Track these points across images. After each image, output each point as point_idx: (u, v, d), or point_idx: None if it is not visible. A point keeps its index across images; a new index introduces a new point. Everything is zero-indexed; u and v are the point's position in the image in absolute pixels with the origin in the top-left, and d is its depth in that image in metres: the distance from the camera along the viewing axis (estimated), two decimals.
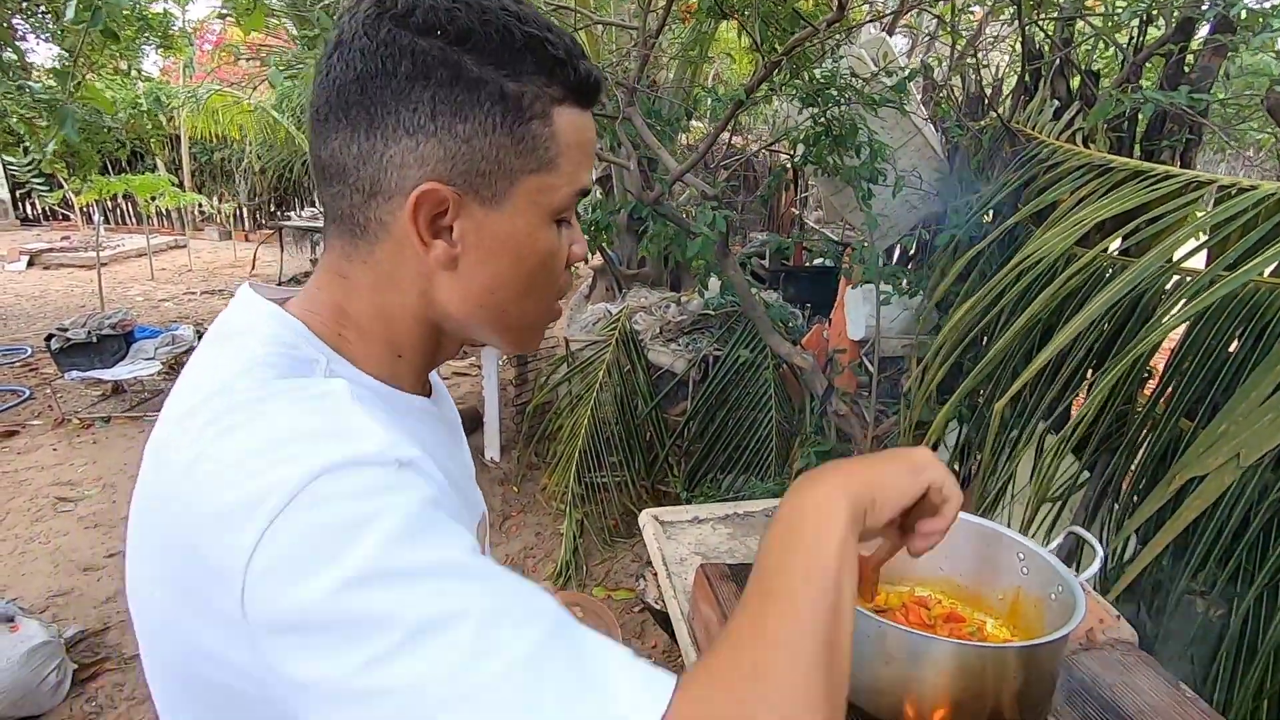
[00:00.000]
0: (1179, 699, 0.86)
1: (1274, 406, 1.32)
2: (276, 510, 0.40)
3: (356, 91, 0.50)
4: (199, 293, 7.48)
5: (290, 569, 0.39)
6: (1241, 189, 1.47)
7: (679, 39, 3.43)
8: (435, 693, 0.37)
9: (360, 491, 0.41)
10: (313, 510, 0.40)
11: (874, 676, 0.81)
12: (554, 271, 0.57)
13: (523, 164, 0.52)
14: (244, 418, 0.45)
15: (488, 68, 0.49)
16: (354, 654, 0.38)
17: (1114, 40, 2.25)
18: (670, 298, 3.68)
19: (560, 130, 0.52)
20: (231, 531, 0.41)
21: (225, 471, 0.43)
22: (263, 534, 0.40)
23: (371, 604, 0.39)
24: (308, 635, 0.39)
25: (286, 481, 0.41)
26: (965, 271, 2.19)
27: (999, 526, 0.98)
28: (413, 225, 0.51)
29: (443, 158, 0.50)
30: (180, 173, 10.03)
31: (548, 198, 0.53)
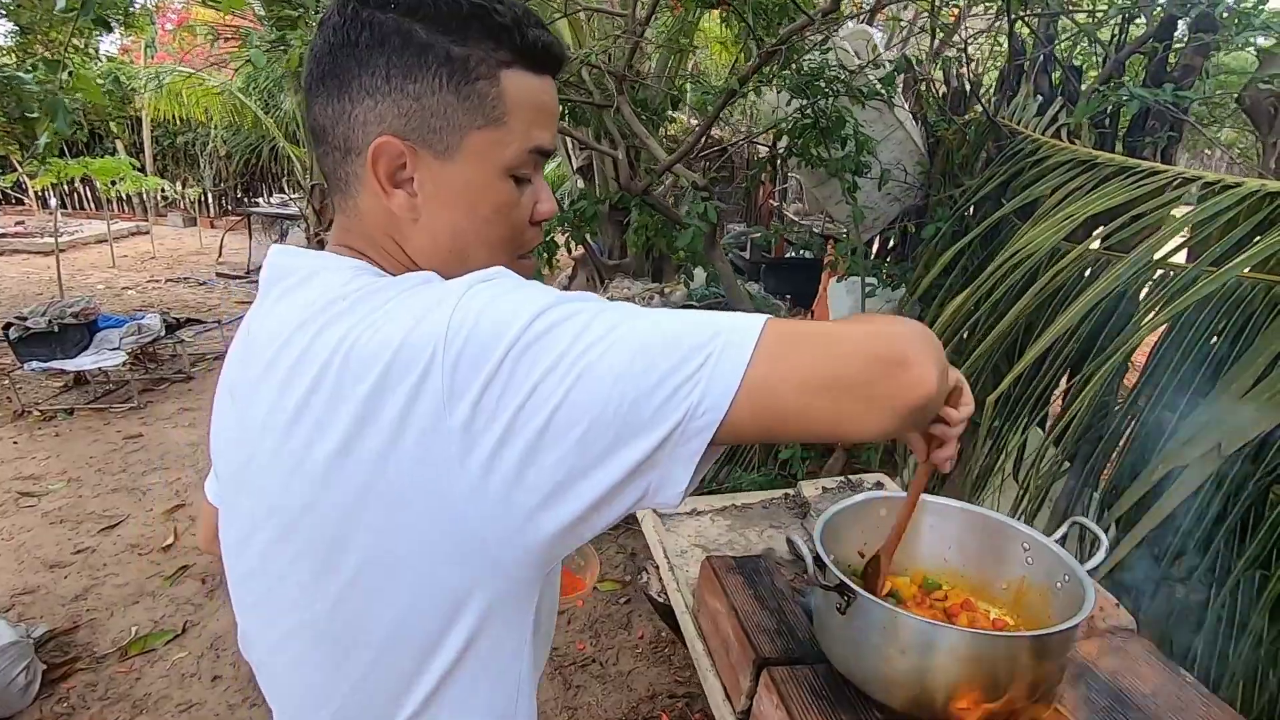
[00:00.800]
0: (1179, 684, 0.88)
1: (1255, 398, 1.36)
2: (455, 301, 0.48)
3: (330, 62, 0.57)
4: (163, 280, 7.26)
5: (487, 328, 0.47)
6: (1225, 185, 1.51)
7: (664, 28, 3.40)
8: (629, 326, 0.48)
9: (508, 280, 0.51)
10: (480, 294, 0.49)
11: (888, 667, 0.81)
12: (512, 223, 0.61)
13: (469, 120, 0.57)
14: (407, 294, 0.52)
15: (436, 34, 0.55)
16: (563, 340, 0.47)
17: (1096, 37, 2.29)
18: (654, 288, 3.67)
19: (508, 90, 0.57)
20: (424, 327, 0.48)
21: (402, 317, 0.50)
22: (451, 315, 0.48)
23: (560, 314, 0.48)
24: (523, 355, 0.47)
25: (453, 291, 0.50)
26: (949, 265, 2.21)
27: (1003, 517, 0.99)
28: (373, 176, 0.57)
29: (397, 115, 0.56)
30: (142, 156, 9.70)
31: (498, 152, 0.58)
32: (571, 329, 0.47)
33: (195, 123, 9.53)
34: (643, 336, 0.47)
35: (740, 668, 0.93)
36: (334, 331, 0.51)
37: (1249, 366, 1.37)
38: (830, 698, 0.84)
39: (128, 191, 8.97)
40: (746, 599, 1.00)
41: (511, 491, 0.48)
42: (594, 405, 0.46)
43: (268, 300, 0.60)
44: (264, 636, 0.62)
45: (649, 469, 0.48)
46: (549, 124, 0.61)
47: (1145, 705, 0.85)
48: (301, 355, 0.52)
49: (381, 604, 0.54)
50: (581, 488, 0.48)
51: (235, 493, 0.61)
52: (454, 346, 0.47)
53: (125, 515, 3.14)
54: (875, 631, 0.81)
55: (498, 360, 0.47)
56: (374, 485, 0.50)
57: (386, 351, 0.49)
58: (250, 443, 0.56)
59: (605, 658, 2.41)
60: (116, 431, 3.94)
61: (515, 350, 0.47)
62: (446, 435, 0.48)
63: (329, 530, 0.52)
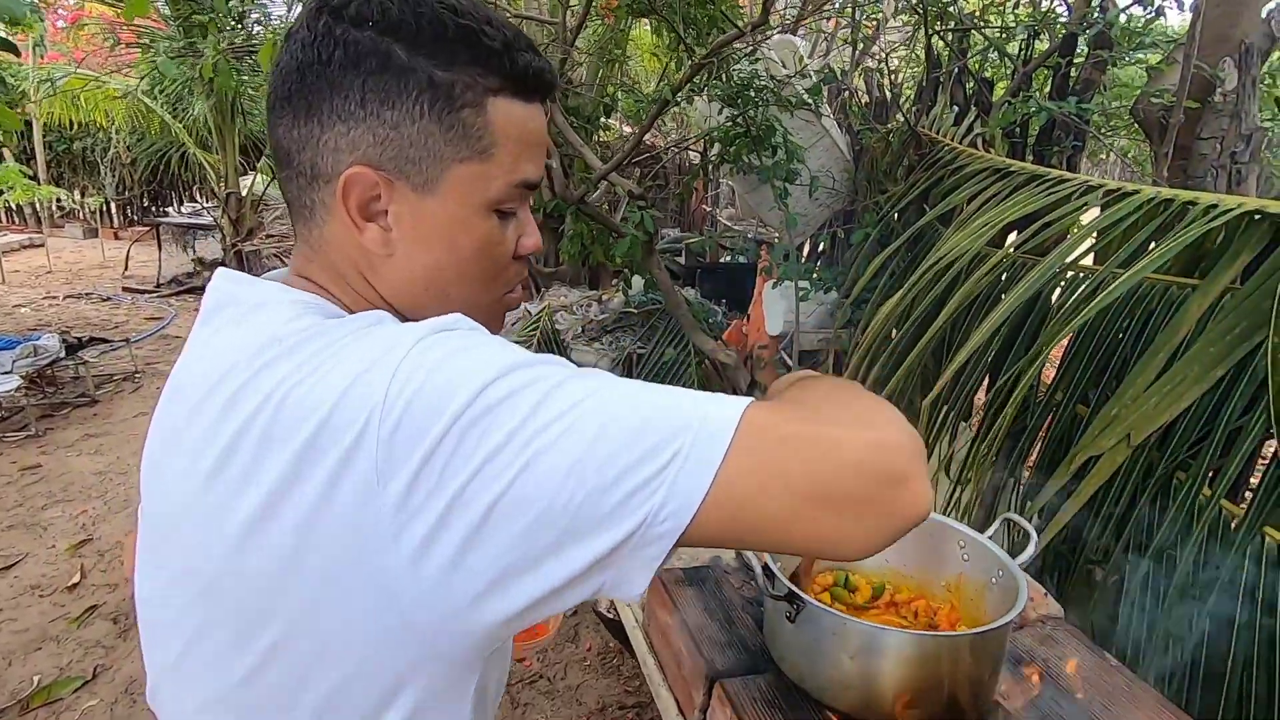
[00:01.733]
0: (1105, 667, 0.93)
1: (1158, 391, 1.46)
2: (400, 357, 0.44)
3: (297, 80, 0.52)
4: (61, 297, 6.75)
5: (430, 397, 0.43)
6: (1125, 192, 1.61)
7: (596, 36, 3.40)
8: (590, 406, 0.43)
9: (463, 337, 0.47)
10: (429, 351, 0.45)
11: (838, 672, 0.83)
12: (496, 260, 0.57)
13: (453, 151, 0.53)
14: (350, 339, 0.47)
15: (418, 57, 0.51)
16: (514, 415, 0.42)
17: (1005, 51, 2.42)
18: (591, 296, 3.66)
19: (496, 120, 0.53)
20: (361, 388, 0.44)
21: (341, 367, 0.45)
22: (392, 376, 0.43)
23: (515, 382, 0.44)
24: (469, 429, 0.42)
25: (401, 343, 0.45)
26: (880, 269, 2.29)
27: (940, 517, 1.02)
28: (343, 207, 0.53)
29: (372, 143, 0.52)
30: (33, 164, 9.00)
31: (483, 186, 0.54)
32: (527, 402, 0.43)
33: (94, 127, 8.93)
34: (605, 420, 0.43)
35: (693, 681, 0.92)
36: (268, 378, 0.47)
37: (1151, 361, 1.47)
38: (783, 705, 0.85)
39: (18, 201, 8.30)
40: (696, 612, 1.00)
41: (449, 577, 0.44)
42: (543, 496, 0.42)
43: (206, 330, 0.55)
44: (178, 699, 0.57)
45: (603, 569, 0.44)
46: (538, 155, 0.57)
47: (1075, 689, 0.89)
48: (230, 401, 0.48)
49: (308, 682, 0.49)
50: (526, 581, 0.44)
51: (157, 541, 0.56)
52: (393, 412, 0.42)
53: (23, 554, 2.89)
54: (825, 638, 0.83)
55: (440, 433, 0.42)
56: (299, 554, 0.45)
57: (321, 409, 0.44)
58: (172, 491, 0.52)
59: (553, 673, 2.38)
60: (11, 463, 3.63)
61: (461, 423, 0.42)
62: (378, 510, 0.43)
63: (250, 598, 0.48)
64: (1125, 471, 1.53)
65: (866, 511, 0.44)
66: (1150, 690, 0.89)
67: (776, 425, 0.44)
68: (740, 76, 2.32)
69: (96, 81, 7.39)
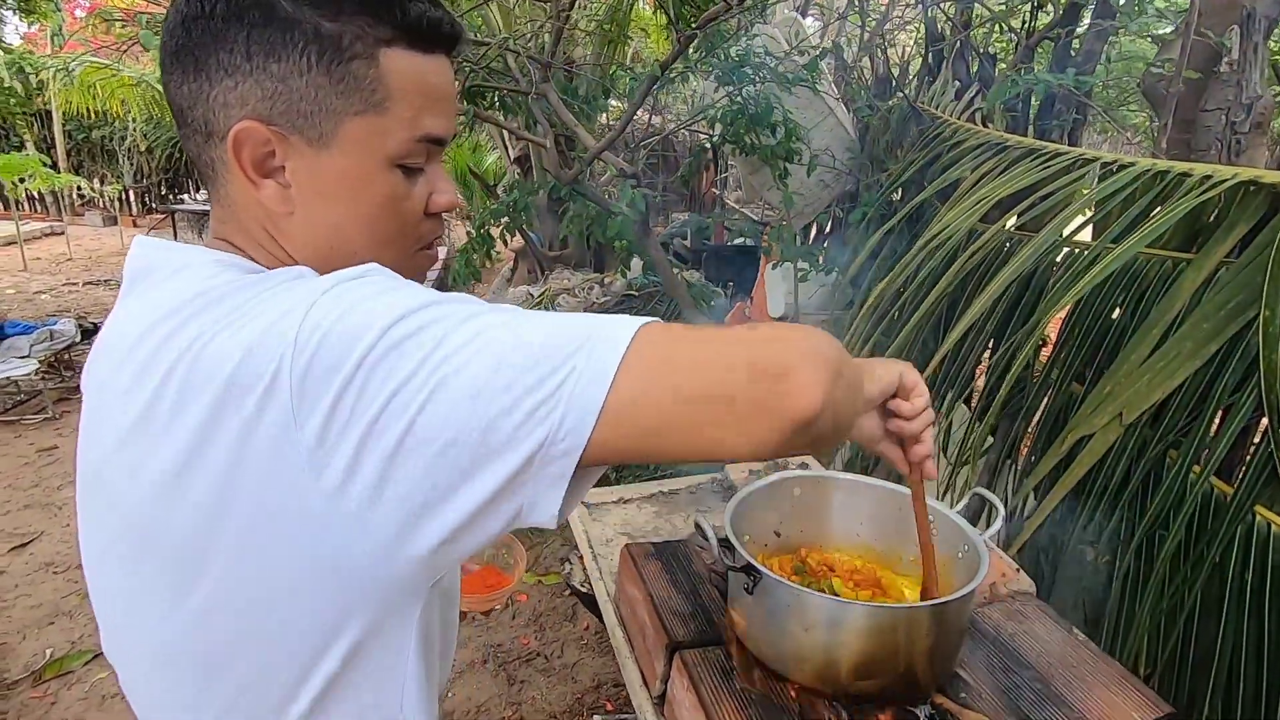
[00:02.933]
0: (1072, 643, 0.92)
1: (1150, 369, 1.43)
2: (311, 302, 0.45)
3: (183, 34, 0.51)
4: (81, 284, 6.88)
5: (340, 337, 0.44)
6: (1122, 165, 1.57)
7: (596, 15, 3.37)
8: (494, 335, 0.44)
9: (374, 283, 0.47)
10: (341, 297, 0.45)
11: (795, 644, 0.82)
12: (402, 217, 0.56)
13: (345, 105, 0.51)
14: (268, 294, 0.48)
15: (303, 8, 0.50)
16: (421, 348, 0.43)
17: (1008, 24, 2.37)
18: (593, 279, 3.65)
19: (390, 73, 0.52)
20: (273, 336, 0.44)
21: (257, 320, 0.46)
22: (302, 321, 0.44)
23: (423, 319, 0.44)
24: (378, 364, 0.43)
25: (313, 292, 0.46)
26: (877, 248, 2.26)
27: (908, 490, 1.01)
28: (236, 163, 0.52)
29: (261, 97, 0.51)
30: (53, 152, 9.14)
31: (380, 141, 0.52)
32: (433, 335, 0.44)
33: (112, 116, 9.04)
34: (506, 346, 0.44)
35: (655, 652, 0.93)
36: (186, 333, 0.47)
37: (1145, 338, 1.44)
38: (738, 675, 0.85)
39: (39, 190, 8.45)
40: (663, 585, 1.00)
41: (370, 511, 0.45)
42: (451, 423, 0.43)
43: (129, 298, 0.55)
44: (130, 654, 0.58)
45: (515, 491, 0.45)
46: (442, 109, 0.55)
47: (1039, 664, 0.88)
48: (150, 357, 0.48)
49: (247, 628, 0.50)
50: (444, 509, 0.45)
51: (91, 502, 0.57)
52: (304, 354, 0.43)
53: (39, 532, 2.97)
54: (781, 610, 0.82)
55: (351, 369, 0.43)
56: (223, 504, 0.46)
57: (233, 357, 0.45)
58: (101, 450, 0.53)
59: (550, 651, 2.40)
60: (29, 444, 3.72)
61: (371, 358, 0.43)
62: (296, 452, 0.44)
63: (182, 551, 0.49)
64: (1118, 450, 1.51)
65: (753, 410, 0.44)
66: (1114, 664, 0.88)
67: (669, 339, 0.45)
68: (736, 53, 2.29)
69: (112, 70, 7.47)
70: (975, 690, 0.84)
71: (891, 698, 0.81)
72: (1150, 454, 1.48)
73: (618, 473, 3.23)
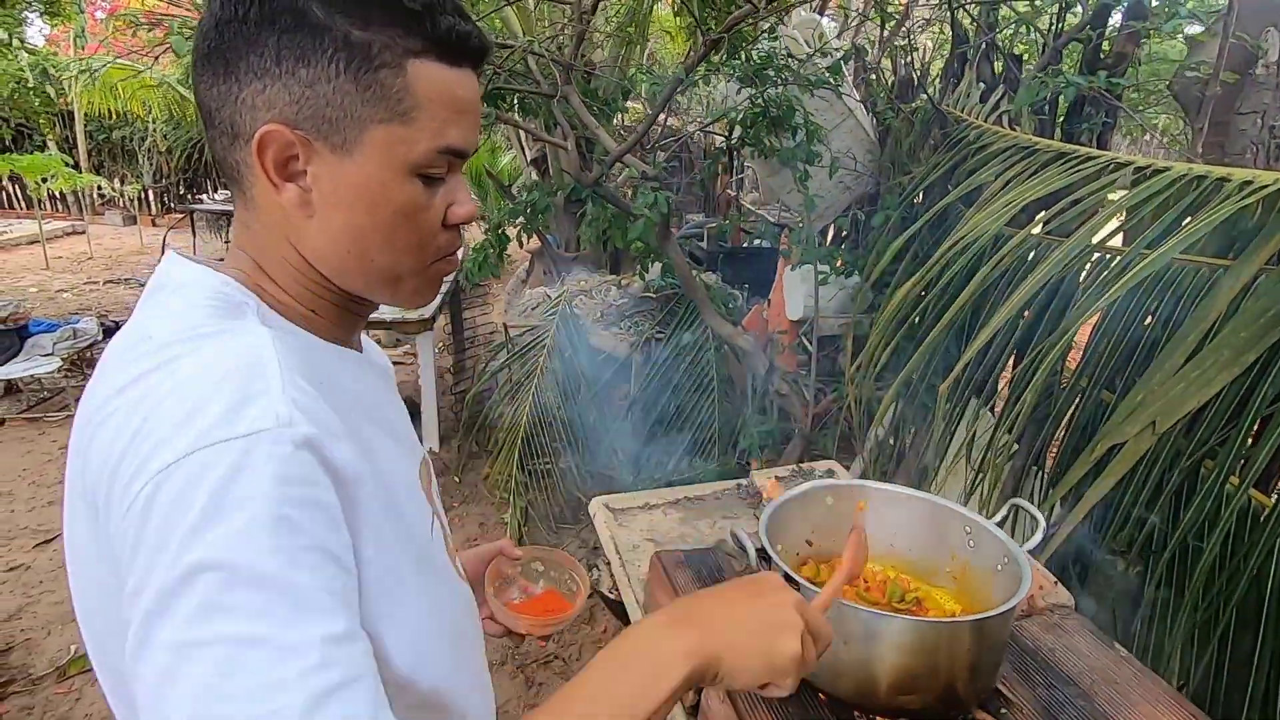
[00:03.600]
0: (1114, 659, 0.90)
1: (1185, 377, 1.40)
2: (161, 468, 0.44)
3: (215, 37, 0.52)
4: (101, 282, 6.96)
5: (159, 529, 0.44)
6: (1156, 170, 1.55)
7: (616, 17, 3.36)
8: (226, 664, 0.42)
9: (230, 474, 0.44)
10: (188, 481, 0.44)
11: (833, 657, 0.81)
12: (420, 227, 0.56)
13: (371, 113, 0.52)
14: (157, 378, 0.49)
15: (335, 15, 0.51)
16: (174, 618, 0.42)
17: (1035, 26, 2.34)
18: (610, 280, 3.64)
19: (416, 83, 0.52)
20: (132, 460, 0.46)
21: (132, 424, 0.47)
22: (148, 481, 0.44)
23: (193, 590, 0.43)
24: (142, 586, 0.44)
25: (160, 457, 0.45)
26: (900, 252, 2.24)
27: (946, 501, 1.00)
28: (259, 166, 0.53)
29: (288, 101, 0.52)
30: (75, 152, 9.26)
31: (403, 150, 0.53)
32: (184, 612, 0.42)
33: (133, 117, 9.15)
34: (224, 680, 0.42)
35: None
36: (118, 386, 0.50)
37: (1180, 346, 1.41)
38: None
39: (61, 189, 8.56)
40: None
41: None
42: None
43: (138, 310, 0.58)
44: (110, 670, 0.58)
45: None
46: (466, 122, 0.56)
47: (1081, 679, 0.86)
48: (100, 389, 0.52)
49: None
50: None
51: (68, 515, 0.57)
52: (132, 515, 0.44)
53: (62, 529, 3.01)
54: None
55: (142, 571, 0.44)
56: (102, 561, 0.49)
57: (111, 457, 0.47)
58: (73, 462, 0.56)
59: (568, 654, 2.40)
60: (52, 441, 3.77)
61: (154, 589, 0.43)
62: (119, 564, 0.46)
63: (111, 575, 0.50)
64: (1150, 459, 1.48)
65: None
66: (1159, 681, 0.86)
67: None
68: (759, 55, 2.28)
69: (133, 71, 7.55)
70: (1017, 706, 0.83)
71: (932, 714, 0.80)
72: (1184, 464, 1.45)
73: (635, 475, 3.22)
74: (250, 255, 0.57)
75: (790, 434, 2.97)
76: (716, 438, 3.18)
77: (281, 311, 0.57)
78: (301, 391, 0.49)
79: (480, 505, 3.31)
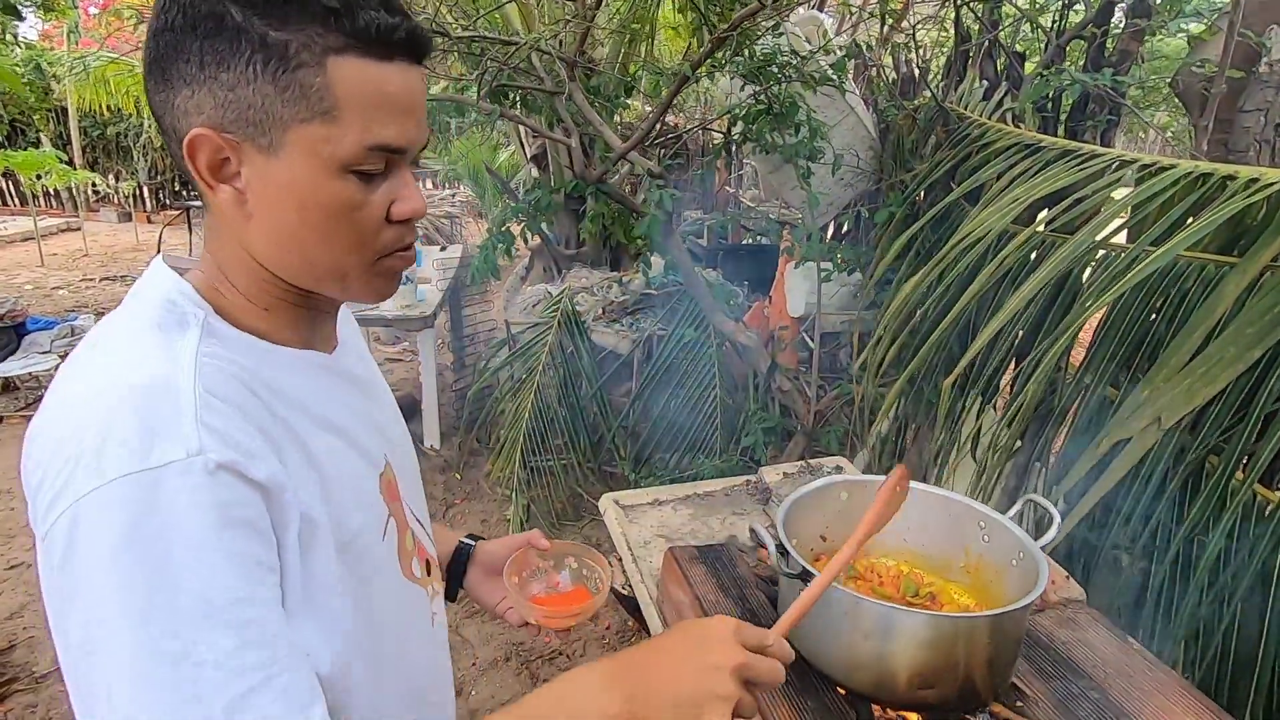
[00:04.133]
0: (1127, 651, 0.91)
1: (1190, 373, 1.41)
2: (76, 499, 0.47)
3: (154, 46, 0.54)
4: (98, 279, 6.92)
5: (82, 558, 0.47)
6: (1161, 168, 1.56)
7: (618, 14, 3.36)
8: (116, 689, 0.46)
9: (145, 505, 0.47)
10: (102, 511, 0.47)
11: (852, 651, 0.82)
12: (358, 224, 0.56)
13: (293, 113, 0.52)
14: (79, 388, 0.52)
15: (252, 17, 0.51)
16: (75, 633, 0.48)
17: (1038, 23, 2.34)
18: (612, 277, 3.64)
19: (338, 81, 0.52)
20: (47, 503, 0.48)
21: (53, 438, 0.50)
22: (61, 516, 0.47)
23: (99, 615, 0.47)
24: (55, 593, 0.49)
25: (77, 487, 0.47)
26: (904, 249, 2.24)
27: (960, 497, 1.01)
28: (193, 170, 0.55)
29: (214, 105, 0.53)
30: (69, 149, 9.20)
31: (328, 149, 0.53)
32: (79, 642, 0.48)
33: (127, 113, 9.09)
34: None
35: None
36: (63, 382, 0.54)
37: (1185, 343, 1.42)
38: (796, 683, 0.85)
39: (55, 186, 8.50)
40: (710, 589, 1.00)
41: None
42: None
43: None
44: None
45: None
46: (398, 117, 0.55)
47: (1095, 673, 0.87)
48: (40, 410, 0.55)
49: None
50: None
51: None
52: (53, 541, 0.48)
53: None
54: (838, 617, 0.82)
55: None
56: None
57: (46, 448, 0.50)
58: None
59: (572, 650, 2.40)
60: None
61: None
62: None
63: None
64: (1155, 455, 1.50)
65: None
66: (1172, 674, 0.87)
67: None
68: (763, 52, 2.28)
69: (127, 65, 7.50)
70: (1032, 699, 0.84)
71: (950, 708, 0.81)
72: (1189, 460, 1.46)
73: (637, 472, 3.23)
74: (214, 258, 0.59)
75: (792, 430, 2.98)
76: (719, 434, 3.18)
77: (238, 314, 0.59)
78: (216, 413, 0.50)
79: (482, 502, 3.31)
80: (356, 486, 0.62)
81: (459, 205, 7.69)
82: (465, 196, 8.20)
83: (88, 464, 0.47)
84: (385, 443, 0.69)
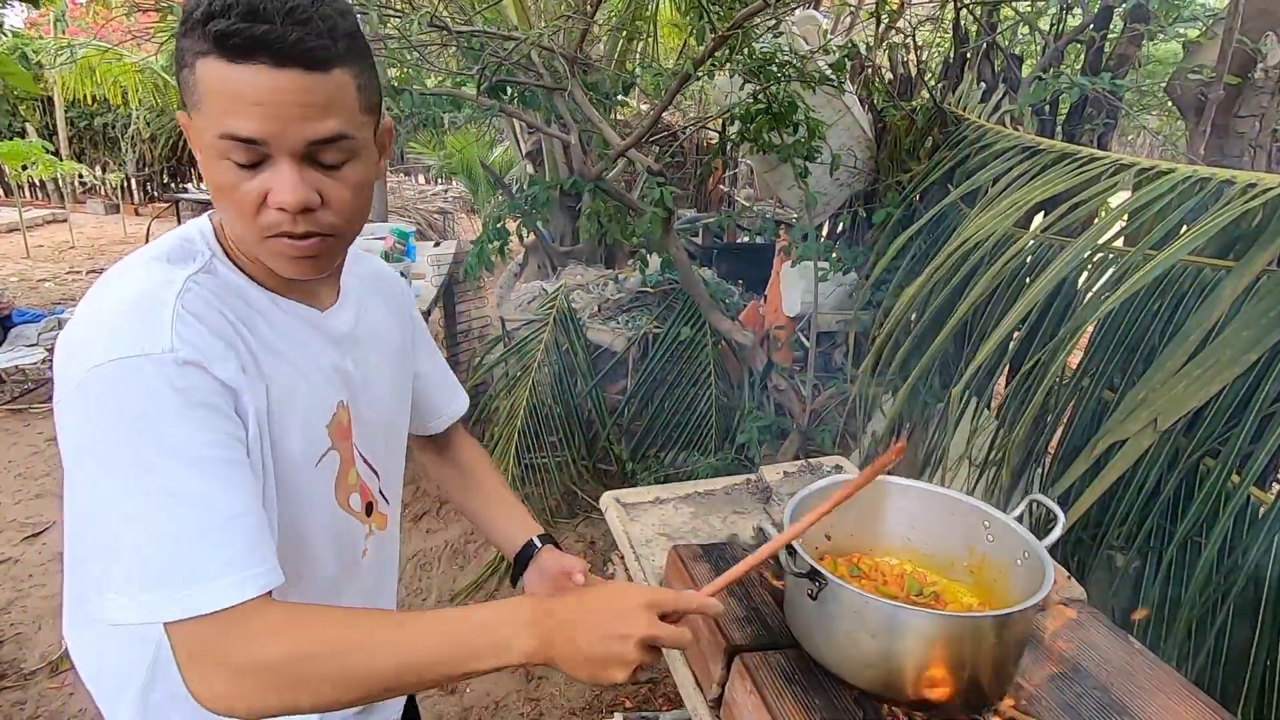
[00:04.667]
0: (1129, 651, 0.92)
1: (1187, 376, 1.43)
2: (90, 367, 0.64)
3: None
4: (84, 272, 6.83)
5: (94, 412, 0.64)
6: (1159, 172, 1.57)
7: (616, 13, 3.35)
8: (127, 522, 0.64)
9: (136, 379, 0.64)
10: (108, 380, 0.64)
11: (859, 650, 0.82)
12: (238, 203, 0.67)
13: (189, 102, 0.66)
14: (102, 292, 0.70)
15: (183, 26, 0.64)
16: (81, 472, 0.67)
17: (1036, 26, 2.36)
18: (608, 275, 3.64)
19: (202, 79, 0.64)
20: (71, 370, 0.65)
21: (82, 322, 0.68)
22: (81, 380, 0.64)
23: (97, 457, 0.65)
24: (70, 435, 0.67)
25: (91, 360, 0.64)
26: (901, 250, 2.25)
27: (964, 496, 1.01)
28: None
29: (182, 91, 0.68)
30: (55, 139, 9.07)
31: (199, 135, 0.66)
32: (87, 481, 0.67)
33: (114, 104, 8.96)
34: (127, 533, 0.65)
35: (711, 656, 0.92)
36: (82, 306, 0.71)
37: (1182, 345, 1.44)
38: (803, 682, 0.85)
39: (41, 177, 8.39)
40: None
41: None
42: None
43: None
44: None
45: None
46: (247, 112, 0.63)
47: (1097, 672, 0.88)
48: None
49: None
50: None
51: None
52: (69, 399, 0.66)
53: (51, 522, 2.96)
54: (846, 616, 0.82)
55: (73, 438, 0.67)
56: None
57: (65, 355, 0.67)
58: None
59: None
60: (38, 433, 3.70)
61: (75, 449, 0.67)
62: None
63: None
64: (1151, 457, 1.51)
65: None
66: (1173, 673, 0.88)
67: None
68: (763, 51, 2.28)
69: (115, 54, 7.40)
70: (1036, 698, 0.84)
71: (957, 706, 0.81)
72: (1185, 462, 1.48)
73: (632, 468, 3.23)
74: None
75: (787, 429, 2.99)
76: (714, 432, 3.19)
77: (235, 258, 0.75)
78: (188, 325, 0.66)
79: None
80: (303, 417, 0.76)
81: (452, 201, 7.66)
82: (458, 192, 8.16)
83: (95, 346, 0.64)
84: (345, 389, 0.81)
